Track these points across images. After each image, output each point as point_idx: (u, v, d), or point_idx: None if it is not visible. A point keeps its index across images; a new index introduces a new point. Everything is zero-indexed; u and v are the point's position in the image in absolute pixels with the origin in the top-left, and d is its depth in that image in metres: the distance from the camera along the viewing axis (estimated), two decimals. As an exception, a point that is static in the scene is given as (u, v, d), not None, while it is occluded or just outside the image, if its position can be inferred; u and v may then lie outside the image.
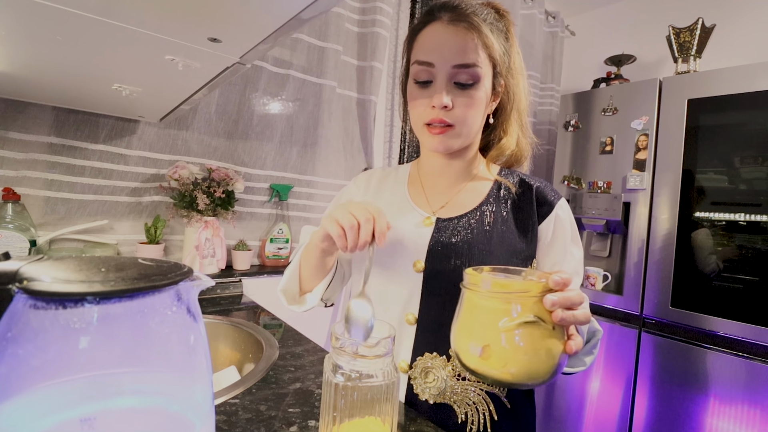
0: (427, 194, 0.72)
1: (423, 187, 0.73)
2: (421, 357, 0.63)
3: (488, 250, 0.62)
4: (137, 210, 1.19)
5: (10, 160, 1.00)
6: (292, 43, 1.44)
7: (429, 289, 0.64)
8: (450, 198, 0.70)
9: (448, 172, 0.71)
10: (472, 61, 0.59)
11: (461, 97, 0.61)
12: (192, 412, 0.30)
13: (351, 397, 0.41)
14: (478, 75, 0.60)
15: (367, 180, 0.80)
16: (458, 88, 0.61)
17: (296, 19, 0.51)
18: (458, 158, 0.70)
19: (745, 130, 1.49)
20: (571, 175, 1.91)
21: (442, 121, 0.61)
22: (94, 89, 0.85)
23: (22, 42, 0.60)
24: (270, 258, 1.41)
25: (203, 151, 1.29)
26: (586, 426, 1.75)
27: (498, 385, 0.60)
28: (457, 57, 0.59)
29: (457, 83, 0.61)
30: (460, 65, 0.59)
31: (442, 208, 0.69)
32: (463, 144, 0.66)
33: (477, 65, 0.60)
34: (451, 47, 0.60)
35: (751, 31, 1.87)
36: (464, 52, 0.59)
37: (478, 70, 0.60)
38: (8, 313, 0.25)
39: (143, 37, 0.55)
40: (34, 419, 0.25)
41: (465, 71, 0.60)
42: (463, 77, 0.60)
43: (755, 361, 1.37)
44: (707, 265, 1.53)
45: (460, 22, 0.60)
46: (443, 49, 0.60)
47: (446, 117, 0.61)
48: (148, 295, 0.27)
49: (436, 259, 0.64)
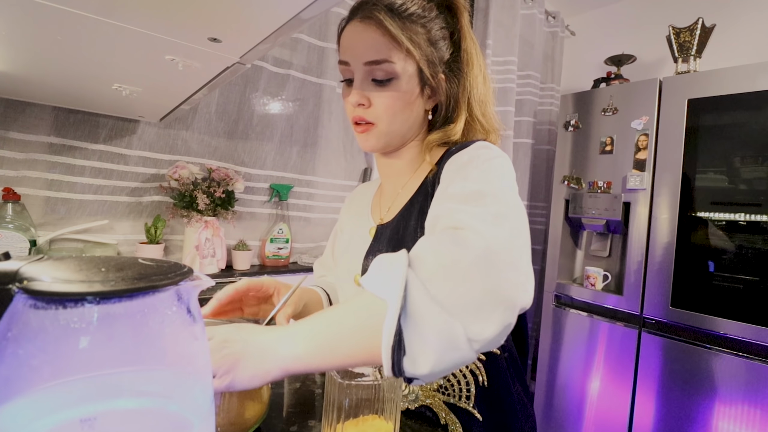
0: (381, 200, 0.71)
1: (381, 194, 0.72)
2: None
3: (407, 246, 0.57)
4: (137, 210, 1.19)
5: (10, 160, 1.00)
6: (292, 43, 1.44)
7: None
8: (393, 200, 0.67)
9: (390, 172, 0.68)
10: (383, 57, 0.57)
11: (379, 94, 0.59)
12: (192, 412, 0.30)
13: (354, 396, 0.41)
14: (392, 70, 0.58)
15: (350, 201, 0.81)
16: (376, 85, 0.59)
17: (296, 19, 0.51)
18: (399, 157, 0.66)
19: (745, 130, 1.49)
20: (571, 175, 1.91)
21: (362, 119, 0.60)
22: (94, 89, 0.85)
23: (22, 42, 0.60)
24: (270, 258, 1.41)
25: (203, 151, 1.29)
26: (586, 426, 1.75)
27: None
28: (367, 54, 0.58)
29: (374, 80, 0.59)
30: (370, 62, 0.58)
31: (387, 212, 0.67)
32: (391, 143, 0.63)
33: (389, 61, 0.57)
34: (361, 45, 0.58)
35: (751, 31, 1.87)
36: (373, 48, 0.57)
37: (393, 65, 0.58)
38: (8, 313, 0.25)
39: (143, 37, 0.55)
40: (34, 419, 0.25)
41: (377, 68, 0.58)
42: (379, 74, 0.58)
43: (755, 361, 1.36)
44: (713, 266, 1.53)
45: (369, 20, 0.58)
46: (355, 48, 0.59)
47: (365, 115, 0.60)
48: (148, 295, 0.27)
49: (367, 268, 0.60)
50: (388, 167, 0.68)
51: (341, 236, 0.77)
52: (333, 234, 0.85)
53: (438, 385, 0.58)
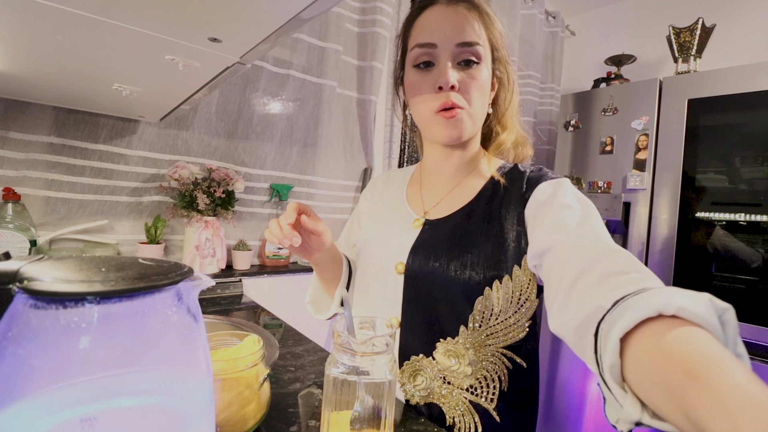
0: (423, 193, 0.71)
1: (421, 187, 0.72)
2: (407, 361, 0.62)
3: (468, 250, 0.59)
4: (137, 210, 1.19)
5: (11, 160, 1.00)
6: (292, 43, 1.44)
7: (409, 291, 0.63)
8: (443, 196, 0.68)
9: (445, 167, 0.69)
10: (475, 39, 0.58)
11: (467, 77, 0.59)
12: (192, 412, 0.30)
13: (351, 394, 0.41)
14: (480, 54, 0.59)
15: (371, 188, 0.82)
16: (463, 68, 0.59)
17: (296, 19, 0.51)
18: (459, 150, 0.67)
19: (745, 130, 1.49)
20: (571, 175, 1.91)
21: (454, 103, 0.58)
22: (94, 89, 0.85)
23: (22, 42, 0.60)
24: (270, 258, 1.41)
25: (203, 151, 1.29)
26: (586, 426, 1.75)
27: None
28: (460, 35, 0.58)
29: (460, 63, 0.59)
30: (463, 43, 0.58)
31: (434, 207, 0.67)
32: (473, 132, 0.64)
33: (479, 44, 0.58)
34: (454, 25, 0.58)
35: (751, 31, 1.87)
36: (466, 30, 0.58)
37: (481, 49, 0.58)
38: (9, 313, 0.25)
39: (143, 37, 0.55)
40: (34, 419, 0.25)
41: (468, 50, 0.58)
42: (469, 56, 0.58)
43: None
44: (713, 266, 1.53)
45: (460, 3, 0.59)
46: (445, 28, 0.58)
47: (456, 100, 0.58)
48: (149, 295, 0.27)
49: (416, 260, 0.62)
50: (445, 161, 0.68)
51: (367, 221, 0.77)
52: (350, 221, 0.86)
53: (469, 384, 0.59)
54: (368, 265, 0.70)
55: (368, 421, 0.42)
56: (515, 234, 0.59)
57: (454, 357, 0.58)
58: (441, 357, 0.59)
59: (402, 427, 0.54)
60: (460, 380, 0.59)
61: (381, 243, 0.69)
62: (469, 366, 0.58)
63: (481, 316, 0.58)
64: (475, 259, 0.58)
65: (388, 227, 0.70)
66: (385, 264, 0.66)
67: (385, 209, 0.74)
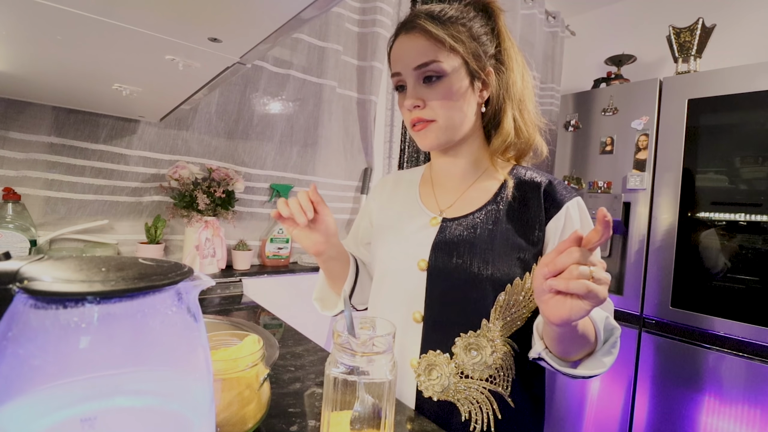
0: (436, 194, 0.74)
1: (433, 187, 0.76)
2: (425, 354, 0.64)
3: (490, 248, 0.63)
4: (137, 210, 1.19)
5: (11, 160, 1.00)
6: (293, 43, 1.44)
7: (432, 286, 0.66)
8: (457, 197, 0.71)
9: (453, 171, 0.73)
10: (429, 59, 0.63)
11: (432, 92, 0.64)
12: (192, 411, 0.30)
13: (351, 393, 0.41)
14: (440, 69, 0.63)
15: (381, 187, 0.85)
16: (427, 85, 0.64)
17: (296, 19, 0.51)
18: (460, 156, 0.71)
19: (745, 130, 1.49)
20: (571, 175, 1.91)
21: (420, 119, 0.65)
22: (95, 89, 0.85)
23: (22, 42, 0.60)
24: (270, 258, 1.41)
25: (203, 151, 1.29)
26: (586, 426, 1.75)
27: None
28: (415, 60, 0.64)
29: (425, 82, 0.65)
30: (418, 66, 0.64)
31: (449, 208, 0.71)
32: (452, 137, 0.67)
33: (436, 60, 0.63)
34: (409, 53, 0.65)
35: (751, 31, 1.87)
36: (419, 53, 0.64)
37: (440, 64, 0.63)
38: (9, 312, 0.25)
39: (143, 37, 0.55)
40: (34, 419, 0.25)
41: (426, 69, 0.64)
42: (428, 73, 0.64)
43: (755, 361, 1.36)
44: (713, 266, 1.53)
45: (413, 30, 0.65)
46: (403, 57, 0.65)
47: (423, 115, 0.65)
48: (149, 295, 0.27)
49: (439, 257, 0.66)
50: (451, 166, 0.73)
51: (379, 219, 0.80)
52: (358, 220, 0.88)
53: (489, 375, 0.62)
54: (387, 262, 0.72)
55: (368, 421, 0.42)
56: (536, 238, 0.64)
57: (475, 349, 0.62)
58: (460, 351, 0.63)
59: (405, 426, 0.54)
60: (480, 371, 0.62)
61: (399, 240, 0.72)
62: (491, 356, 0.62)
63: (501, 310, 0.63)
64: (497, 257, 0.63)
65: (404, 225, 0.73)
66: (407, 260, 0.68)
67: (399, 207, 0.77)
